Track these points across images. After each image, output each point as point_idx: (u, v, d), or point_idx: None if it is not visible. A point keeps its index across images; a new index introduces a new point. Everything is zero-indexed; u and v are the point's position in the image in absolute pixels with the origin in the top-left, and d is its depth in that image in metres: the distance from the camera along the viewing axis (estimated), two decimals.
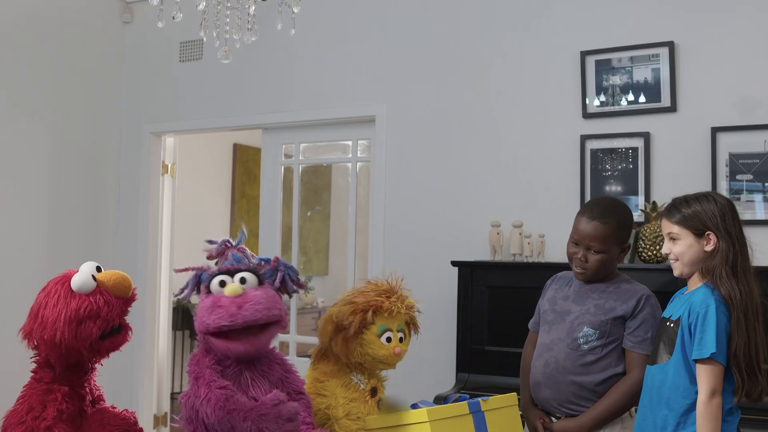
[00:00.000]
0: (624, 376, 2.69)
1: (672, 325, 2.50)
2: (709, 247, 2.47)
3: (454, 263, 3.97)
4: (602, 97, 3.98)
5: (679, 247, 2.51)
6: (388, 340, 2.44)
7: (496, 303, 3.85)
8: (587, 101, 4.01)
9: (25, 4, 4.88)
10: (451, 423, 2.24)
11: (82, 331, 2.14)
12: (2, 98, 4.76)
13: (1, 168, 4.75)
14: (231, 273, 2.26)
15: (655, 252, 3.56)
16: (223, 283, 2.24)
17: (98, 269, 2.27)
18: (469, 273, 3.93)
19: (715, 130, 3.72)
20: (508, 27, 4.27)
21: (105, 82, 5.46)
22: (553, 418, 2.76)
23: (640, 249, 3.65)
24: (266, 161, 5.17)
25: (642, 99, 3.90)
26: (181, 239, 5.79)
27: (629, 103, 3.93)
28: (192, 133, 5.55)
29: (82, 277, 2.19)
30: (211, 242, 2.39)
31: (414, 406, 2.36)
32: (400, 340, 2.47)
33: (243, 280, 2.24)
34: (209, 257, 2.37)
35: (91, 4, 5.34)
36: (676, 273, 2.55)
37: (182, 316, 6.58)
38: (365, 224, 4.88)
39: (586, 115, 4.01)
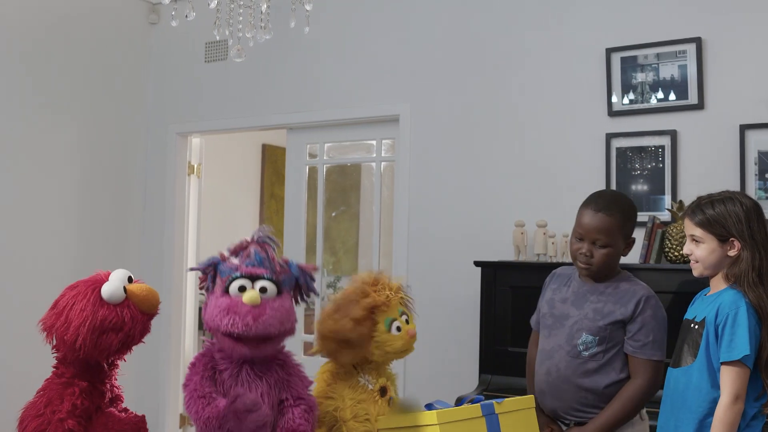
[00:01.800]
0: (628, 382, 2.61)
1: (696, 327, 2.44)
2: (732, 253, 2.40)
3: (477, 263, 3.93)
4: (630, 95, 3.91)
5: (701, 251, 2.44)
6: (398, 329, 2.41)
7: (519, 303, 3.79)
8: (613, 99, 3.95)
9: (52, 6, 4.93)
10: (463, 425, 2.20)
11: (102, 341, 2.17)
12: (31, 99, 4.81)
13: (30, 168, 4.80)
14: (252, 278, 2.24)
15: (681, 252, 3.49)
16: (242, 288, 2.22)
17: (129, 279, 2.28)
18: (492, 273, 3.88)
19: (743, 128, 3.64)
20: (533, 25, 4.22)
21: (132, 82, 5.49)
22: (561, 424, 2.70)
23: (667, 249, 3.58)
24: (291, 161, 5.16)
25: (668, 96, 3.82)
26: (209, 240, 5.80)
27: (656, 101, 3.86)
28: (217, 133, 5.56)
29: (113, 287, 2.21)
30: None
31: (429, 407, 2.32)
32: (406, 322, 2.44)
33: (263, 290, 2.22)
34: (232, 252, 2.35)
35: (118, 5, 5.38)
36: (695, 273, 2.49)
37: None
38: (391, 224, 4.85)
39: (612, 113, 3.95)
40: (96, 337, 2.14)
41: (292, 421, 2.26)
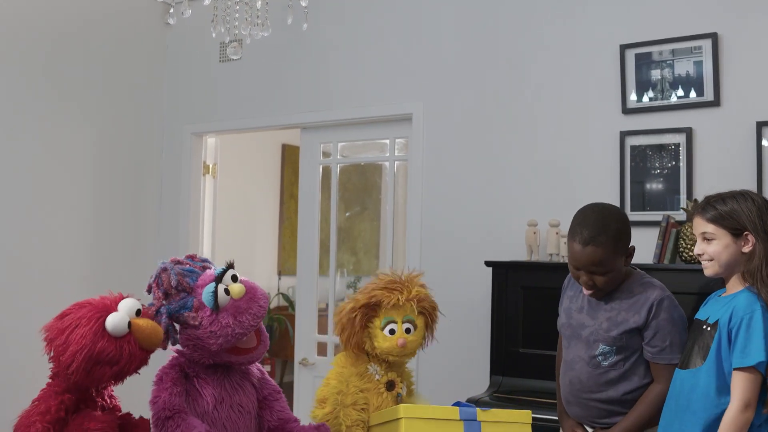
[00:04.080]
0: (650, 386, 2.58)
1: (708, 329, 2.37)
2: (746, 249, 2.34)
3: (488, 263, 3.88)
4: (646, 92, 3.84)
5: (715, 248, 2.38)
6: (392, 332, 2.39)
7: (531, 304, 3.74)
8: (627, 96, 3.88)
9: (69, 7, 4.94)
10: (434, 425, 2.13)
11: (95, 372, 2.14)
12: (48, 99, 4.83)
13: (47, 168, 4.82)
14: (218, 278, 2.24)
15: (693, 253, 3.42)
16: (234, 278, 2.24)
17: (138, 312, 2.25)
18: (504, 273, 3.83)
19: (760, 125, 3.56)
20: (546, 22, 4.16)
21: (147, 83, 5.50)
22: (588, 428, 2.67)
23: (681, 249, 3.51)
24: (305, 160, 5.15)
25: (684, 93, 3.75)
26: (229, 239, 5.79)
27: (671, 98, 3.78)
28: (231, 133, 5.55)
29: (118, 320, 2.17)
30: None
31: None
32: (407, 331, 2.42)
33: (235, 278, 2.24)
34: (155, 288, 2.34)
35: (135, 6, 5.39)
36: (708, 273, 2.43)
37: None
38: (405, 223, 4.82)
39: (626, 110, 3.88)
40: (90, 367, 2.12)
41: (283, 412, 2.33)
